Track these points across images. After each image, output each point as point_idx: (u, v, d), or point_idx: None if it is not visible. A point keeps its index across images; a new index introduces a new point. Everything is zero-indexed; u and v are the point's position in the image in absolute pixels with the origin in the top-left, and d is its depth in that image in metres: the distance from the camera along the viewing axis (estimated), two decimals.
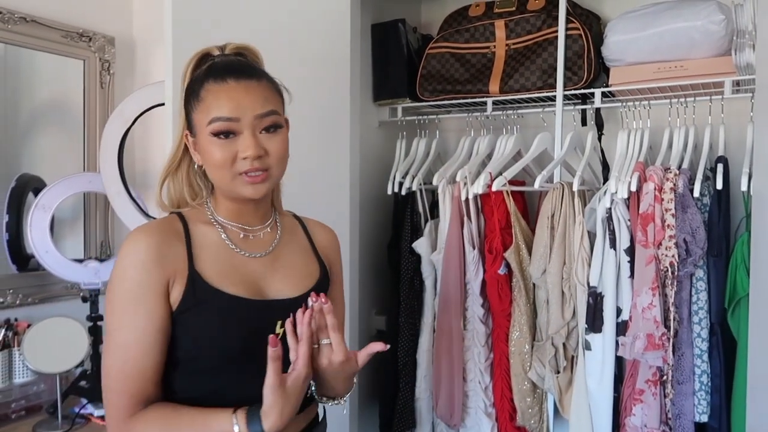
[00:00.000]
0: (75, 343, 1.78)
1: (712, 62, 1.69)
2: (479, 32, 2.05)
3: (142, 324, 0.92)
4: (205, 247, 1.01)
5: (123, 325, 0.92)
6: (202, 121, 0.97)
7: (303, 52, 1.64)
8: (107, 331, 0.94)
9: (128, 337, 0.92)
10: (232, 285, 0.99)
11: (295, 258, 1.12)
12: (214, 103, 0.96)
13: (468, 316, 1.89)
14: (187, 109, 1.01)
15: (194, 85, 1.00)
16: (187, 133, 1.02)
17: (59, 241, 1.98)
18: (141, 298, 0.92)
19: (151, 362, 0.93)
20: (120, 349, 0.92)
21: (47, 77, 2.05)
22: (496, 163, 1.91)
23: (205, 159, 0.99)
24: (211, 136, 0.96)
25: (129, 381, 0.92)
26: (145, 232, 0.97)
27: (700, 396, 1.60)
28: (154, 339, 0.93)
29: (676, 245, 1.53)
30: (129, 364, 0.92)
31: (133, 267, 0.93)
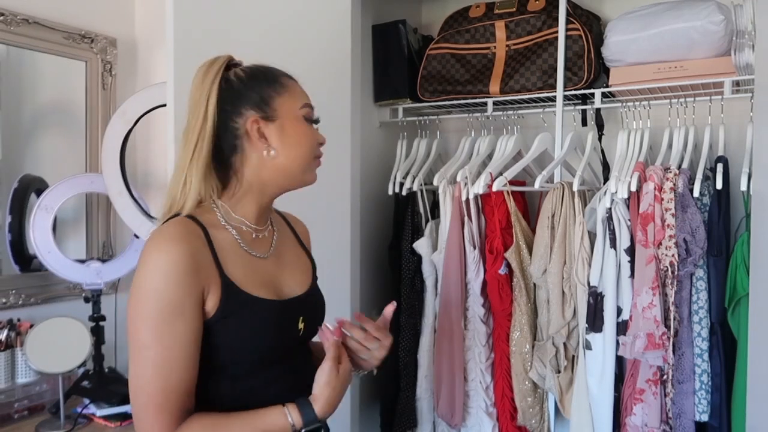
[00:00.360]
0: (77, 343, 1.78)
1: (711, 62, 1.69)
2: (480, 33, 2.06)
3: (182, 338, 0.90)
4: (225, 251, 0.99)
5: (161, 341, 0.89)
6: (291, 105, 1.03)
7: (304, 53, 1.65)
8: (139, 346, 0.89)
9: (169, 352, 0.89)
10: (257, 288, 1.00)
11: (292, 254, 1.16)
12: (299, 91, 1.06)
13: (469, 315, 1.90)
14: (262, 96, 1.02)
15: (265, 75, 1.04)
16: (256, 117, 1.01)
17: (61, 241, 1.99)
18: (179, 311, 0.90)
19: (190, 375, 0.92)
20: (160, 366, 0.89)
21: (49, 79, 2.06)
22: (497, 163, 1.92)
23: (293, 142, 1.03)
24: (303, 121, 1.04)
25: (171, 396, 0.89)
26: (174, 240, 0.92)
27: (701, 395, 1.60)
28: (193, 352, 0.92)
29: (676, 245, 1.53)
30: (171, 379, 0.89)
31: (169, 280, 0.89)
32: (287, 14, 1.65)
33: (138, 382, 0.90)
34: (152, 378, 0.89)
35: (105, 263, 1.98)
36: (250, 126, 1.01)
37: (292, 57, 1.15)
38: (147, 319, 0.89)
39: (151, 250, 0.91)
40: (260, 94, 1.02)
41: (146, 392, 0.89)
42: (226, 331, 0.96)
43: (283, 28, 1.62)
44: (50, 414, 1.78)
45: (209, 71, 1.02)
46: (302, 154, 1.04)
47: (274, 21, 1.60)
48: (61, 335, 1.76)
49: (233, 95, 1.02)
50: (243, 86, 1.02)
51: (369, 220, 2.13)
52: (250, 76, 1.04)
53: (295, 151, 1.03)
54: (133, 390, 0.90)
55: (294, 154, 1.03)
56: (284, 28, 1.62)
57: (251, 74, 1.04)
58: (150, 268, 0.90)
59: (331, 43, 1.80)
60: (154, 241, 0.92)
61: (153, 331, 0.89)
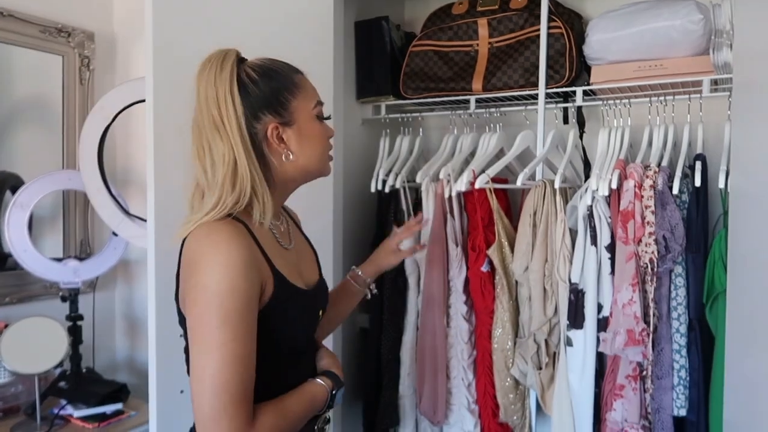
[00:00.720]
0: (54, 343, 1.76)
1: (690, 61, 1.71)
2: (462, 30, 2.06)
3: (253, 332, 0.93)
4: (267, 246, 1.02)
5: (238, 337, 0.90)
6: (306, 106, 1.06)
7: (285, 50, 1.62)
8: (214, 346, 0.89)
9: (245, 348, 0.91)
10: (294, 278, 1.06)
11: (302, 243, 1.21)
12: (311, 89, 1.09)
13: (451, 313, 1.90)
14: (279, 101, 1.03)
15: (282, 72, 1.05)
16: (276, 124, 1.03)
17: (38, 239, 1.95)
18: (251, 307, 0.93)
19: (254, 367, 0.94)
20: (239, 361, 0.90)
21: (25, 73, 2.02)
22: (479, 160, 1.92)
23: (311, 144, 1.06)
24: (317, 121, 1.08)
25: (249, 389, 0.91)
26: (233, 238, 0.94)
27: (679, 390, 1.62)
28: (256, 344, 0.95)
29: (656, 242, 1.55)
30: (248, 373, 0.92)
31: (239, 277, 0.91)
32: (268, 9, 1.63)
33: (216, 381, 0.88)
34: (233, 374, 0.89)
35: (83, 261, 1.95)
36: (271, 133, 1.03)
37: (273, 53, 1.13)
38: (223, 317, 0.89)
39: (211, 250, 0.92)
40: (277, 97, 1.03)
41: (228, 390, 0.88)
42: (277, 319, 1.00)
43: (265, 23, 1.60)
44: (26, 415, 1.75)
45: (224, 67, 1.00)
46: (319, 153, 1.08)
47: (254, 16, 1.58)
48: (37, 335, 1.73)
49: (250, 98, 1.01)
50: (258, 88, 1.02)
51: (351, 218, 2.12)
52: (263, 76, 1.03)
53: (312, 151, 1.07)
54: (211, 391, 0.88)
55: (311, 154, 1.07)
56: (265, 23, 1.60)
57: (264, 73, 1.03)
58: (217, 269, 0.91)
59: (314, 40, 1.79)
60: (211, 241, 0.93)
61: (230, 327, 0.90)
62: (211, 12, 1.49)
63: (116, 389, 1.84)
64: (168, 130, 1.37)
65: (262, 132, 1.02)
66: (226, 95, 0.99)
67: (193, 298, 0.92)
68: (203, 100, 1.00)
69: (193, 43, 1.40)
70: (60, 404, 1.78)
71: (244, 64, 1.04)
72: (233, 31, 1.50)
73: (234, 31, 1.50)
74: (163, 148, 1.36)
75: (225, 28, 1.49)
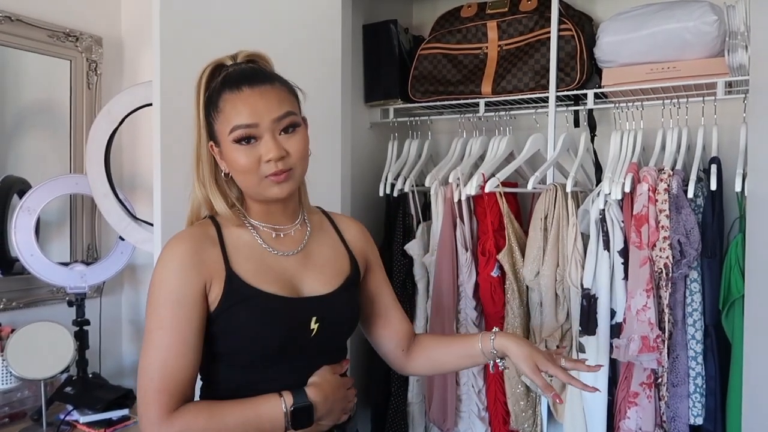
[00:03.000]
0: (60, 348, 1.74)
1: (704, 63, 1.68)
2: (471, 33, 2.04)
3: (181, 326, 0.98)
4: (240, 249, 1.06)
5: (163, 326, 0.97)
6: (224, 130, 1.03)
7: (294, 53, 1.62)
8: (147, 331, 0.99)
9: (168, 338, 0.97)
10: (268, 283, 1.04)
11: (326, 254, 1.16)
12: (232, 111, 1.01)
13: (461, 319, 1.87)
14: (208, 121, 1.06)
15: (212, 97, 1.04)
16: (212, 143, 1.06)
17: (45, 244, 1.94)
18: (181, 301, 0.98)
19: (189, 362, 0.98)
20: (160, 349, 0.97)
21: (33, 78, 2.01)
22: (489, 164, 1.90)
23: (231, 166, 1.04)
24: (234, 144, 1.02)
25: (168, 379, 0.96)
26: (181, 239, 1.03)
27: (695, 398, 1.59)
28: (192, 340, 0.99)
29: (671, 246, 1.52)
30: (169, 363, 0.96)
31: (171, 273, 0.99)
32: (277, 13, 1.62)
33: (142, 364, 0.98)
34: (154, 361, 0.97)
35: (89, 266, 1.94)
36: (211, 150, 1.07)
37: (281, 57, 1.12)
38: (153, 306, 0.99)
39: (164, 248, 1.03)
40: (207, 119, 1.06)
41: (148, 374, 0.96)
42: (230, 319, 1.01)
43: (273, 27, 1.59)
44: (32, 421, 1.74)
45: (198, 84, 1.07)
46: (245, 177, 1.04)
47: (262, 20, 1.57)
48: (44, 340, 1.72)
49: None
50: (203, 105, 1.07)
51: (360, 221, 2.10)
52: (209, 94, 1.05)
53: (238, 175, 1.05)
54: (139, 373, 0.98)
55: (239, 177, 1.05)
56: (274, 27, 1.59)
57: (209, 94, 1.06)
58: (159, 263, 1.02)
59: (322, 43, 1.77)
60: (168, 241, 1.04)
61: (157, 317, 0.98)
62: (218, 16, 1.48)
63: (122, 395, 1.83)
64: (175, 134, 1.35)
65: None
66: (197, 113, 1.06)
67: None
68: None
69: (201, 48, 1.39)
70: (66, 410, 1.76)
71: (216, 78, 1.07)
72: (240, 35, 1.48)
73: (241, 36, 1.48)
74: (169, 152, 1.35)
75: (232, 32, 1.47)
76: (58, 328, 1.76)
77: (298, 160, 1.04)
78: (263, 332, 1.03)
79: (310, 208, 1.21)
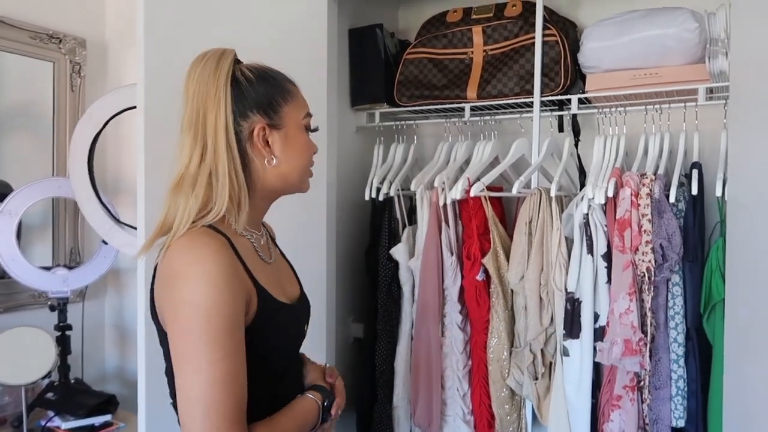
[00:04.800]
0: (42, 353, 1.73)
1: (686, 69, 1.70)
2: (457, 38, 2.05)
3: (242, 348, 0.89)
4: (248, 259, 0.97)
5: (228, 354, 0.86)
6: (296, 114, 1.03)
7: (279, 57, 1.61)
8: (202, 365, 0.84)
9: (235, 367, 0.87)
10: (278, 293, 1.02)
11: (280, 258, 1.17)
12: (303, 99, 1.06)
13: (446, 322, 1.88)
14: (271, 104, 1.00)
15: (277, 78, 1.04)
16: (264, 125, 0.99)
17: (26, 248, 1.92)
18: (238, 322, 0.88)
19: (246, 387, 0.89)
20: (230, 381, 0.85)
21: (15, 79, 2.00)
22: (474, 168, 1.91)
23: (295, 153, 1.03)
24: (305, 131, 1.05)
25: (241, 409, 0.87)
26: (215, 250, 0.89)
27: (677, 401, 1.60)
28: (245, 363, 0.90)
29: (653, 250, 1.54)
30: (240, 392, 0.87)
31: (224, 291, 0.86)
32: (262, 17, 1.62)
33: (208, 403, 0.83)
34: (224, 395, 0.84)
35: (72, 270, 1.92)
36: (257, 132, 0.99)
37: (267, 60, 1.12)
38: (210, 333, 0.85)
39: (192, 262, 0.88)
40: (269, 100, 1.00)
41: (220, 411, 0.83)
42: (260, 336, 0.95)
43: (258, 30, 1.59)
44: (12, 427, 1.72)
45: (221, 65, 0.97)
46: (301, 164, 1.05)
47: (248, 24, 1.57)
48: (25, 345, 1.70)
49: (242, 96, 0.98)
50: (252, 88, 0.99)
51: (345, 226, 2.10)
52: (259, 78, 1.01)
53: (296, 161, 1.03)
54: (203, 413, 0.83)
55: (294, 164, 1.03)
56: (259, 30, 1.59)
57: (260, 76, 1.01)
58: (200, 282, 0.86)
59: (307, 47, 1.77)
60: (192, 252, 0.89)
61: (219, 346, 0.85)
62: (203, 19, 1.47)
63: (105, 400, 1.81)
64: (159, 137, 1.35)
65: (247, 131, 0.98)
66: (219, 92, 0.95)
67: (174, 316, 0.87)
68: (191, 96, 0.96)
69: (185, 50, 1.38)
70: (47, 416, 1.74)
71: (240, 64, 1.03)
72: (226, 39, 1.47)
73: (227, 39, 1.47)
74: (153, 156, 1.35)
75: (217, 35, 1.46)
76: (39, 333, 1.74)
77: None
78: (287, 342, 1.05)
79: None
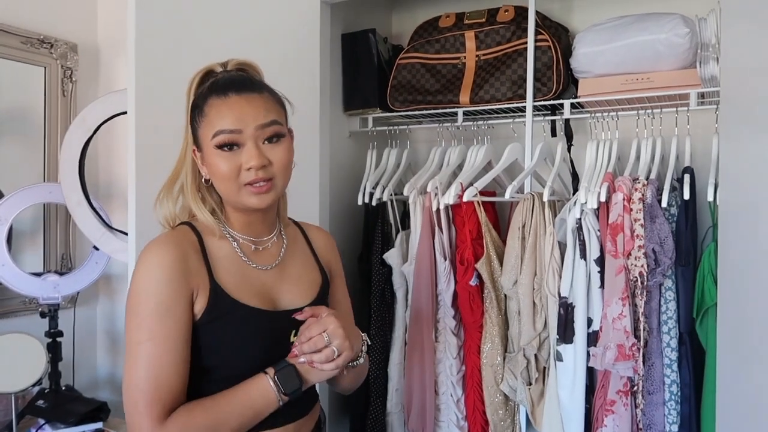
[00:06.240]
0: (32, 360, 1.71)
1: (677, 74, 1.71)
2: (450, 43, 2.05)
3: (172, 334, 0.95)
4: (221, 259, 1.04)
5: (153, 337, 0.94)
6: (206, 135, 1.01)
7: (272, 62, 1.61)
8: (133, 343, 0.95)
9: (159, 348, 0.94)
10: (249, 297, 1.03)
11: (300, 267, 1.16)
12: (216, 116, 1.00)
13: (440, 328, 1.87)
14: (193, 126, 1.04)
15: (198, 101, 1.03)
16: (195, 148, 1.05)
17: (17, 254, 1.91)
18: (170, 310, 0.95)
19: (181, 372, 0.96)
20: (150, 361, 0.94)
21: (6, 85, 1.99)
22: (467, 173, 1.91)
23: (212, 172, 1.02)
24: (216, 149, 1.00)
25: (161, 390, 0.93)
26: (167, 244, 0.99)
27: (670, 406, 1.60)
28: (183, 349, 0.96)
29: (645, 255, 1.54)
30: (162, 373, 0.94)
31: (158, 281, 0.95)
32: (255, 21, 1.61)
33: (130, 377, 0.94)
34: (144, 374, 0.93)
35: (63, 276, 1.91)
36: (193, 156, 1.06)
37: (260, 66, 1.12)
38: (139, 316, 0.95)
39: (145, 253, 0.98)
40: (191, 121, 1.05)
41: (139, 388, 0.93)
42: (213, 333, 1.00)
43: (251, 35, 1.58)
44: None
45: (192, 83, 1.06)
46: (224, 184, 1.02)
47: (240, 29, 1.57)
48: (15, 352, 1.69)
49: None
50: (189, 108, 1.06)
51: (338, 231, 2.10)
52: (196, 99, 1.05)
53: (218, 181, 1.03)
54: (126, 387, 0.94)
55: (218, 184, 1.03)
56: (252, 35, 1.58)
57: (195, 99, 1.05)
58: (142, 270, 0.97)
59: (301, 52, 1.77)
60: (149, 245, 0.99)
61: (144, 329, 0.94)
62: (195, 24, 1.47)
63: (96, 408, 1.79)
64: (150, 142, 1.34)
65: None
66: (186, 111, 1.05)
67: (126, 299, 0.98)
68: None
69: (176, 56, 1.38)
70: (38, 424, 1.72)
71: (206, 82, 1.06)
72: (217, 43, 1.48)
73: (218, 45, 1.48)
74: (144, 161, 1.34)
75: (209, 41, 1.46)
76: (29, 339, 1.73)
77: (280, 170, 1.02)
78: (246, 347, 1.02)
79: (286, 221, 1.21)
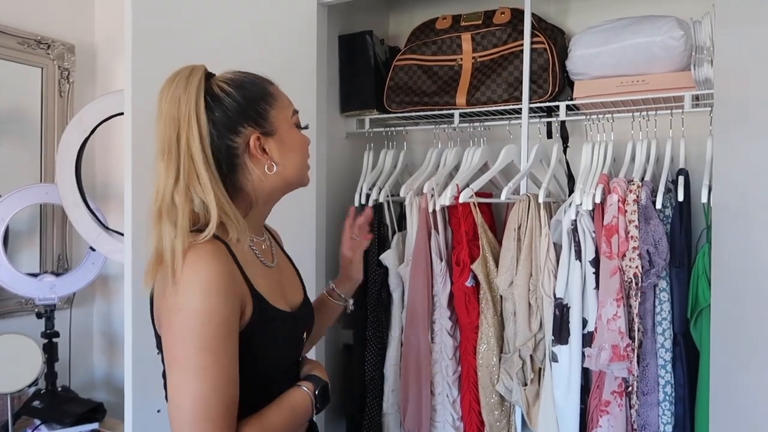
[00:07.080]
0: (28, 361, 1.71)
1: (672, 77, 1.72)
2: (446, 45, 2.06)
3: (234, 354, 0.91)
4: (248, 265, 1.00)
5: (219, 360, 0.88)
6: (284, 115, 1.05)
7: (269, 63, 1.61)
8: (196, 368, 0.87)
9: (227, 370, 0.89)
10: (277, 300, 1.03)
11: (285, 263, 1.18)
12: (286, 98, 1.07)
13: (436, 329, 1.88)
14: (259, 110, 1.02)
15: (255, 84, 1.04)
16: (258, 135, 1.01)
17: (13, 254, 1.91)
18: (230, 328, 0.91)
19: (238, 382, 0.92)
20: (221, 385, 0.88)
21: (3, 85, 1.99)
22: (463, 174, 1.91)
23: (292, 153, 1.05)
24: (296, 129, 1.07)
25: (231, 411, 0.90)
26: (210, 259, 0.91)
27: (665, 406, 1.61)
28: (237, 368, 0.92)
29: (640, 256, 1.55)
30: (230, 396, 0.90)
31: (216, 299, 0.89)
32: (252, 23, 1.62)
33: (197, 408, 0.86)
34: (215, 398, 0.87)
35: (59, 277, 1.91)
36: (254, 144, 1.01)
37: (256, 66, 1.12)
38: (202, 340, 0.88)
39: (189, 271, 0.90)
40: (255, 108, 1.02)
41: (210, 415, 0.86)
42: (255, 342, 0.97)
43: (248, 36, 1.59)
44: None
45: (190, 83, 0.97)
46: (300, 162, 1.07)
47: (237, 30, 1.57)
48: (11, 353, 1.69)
49: (225, 111, 0.99)
50: (234, 101, 1.00)
51: (335, 232, 2.10)
52: (237, 88, 1.01)
53: (294, 160, 1.06)
54: (192, 417, 0.86)
55: (293, 163, 1.06)
56: (248, 36, 1.59)
57: (238, 86, 1.01)
58: (196, 290, 0.89)
59: (297, 53, 1.78)
60: (189, 261, 0.90)
61: (210, 353, 0.88)
62: (191, 25, 1.47)
63: (92, 408, 1.80)
64: (146, 143, 1.33)
65: (243, 144, 1.00)
66: (190, 112, 0.95)
67: (169, 322, 0.90)
68: (163, 119, 0.96)
69: (173, 57, 1.38)
70: (34, 424, 1.73)
71: (215, 78, 1.02)
72: (214, 45, 1.48)
73: (215, 45, 1.48)
74: (141, 162, 1.34)
75: (206, 41, 1.47)
76: (26, 340, 1.73)
77: None
78: (283, 350, 1.05)
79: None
